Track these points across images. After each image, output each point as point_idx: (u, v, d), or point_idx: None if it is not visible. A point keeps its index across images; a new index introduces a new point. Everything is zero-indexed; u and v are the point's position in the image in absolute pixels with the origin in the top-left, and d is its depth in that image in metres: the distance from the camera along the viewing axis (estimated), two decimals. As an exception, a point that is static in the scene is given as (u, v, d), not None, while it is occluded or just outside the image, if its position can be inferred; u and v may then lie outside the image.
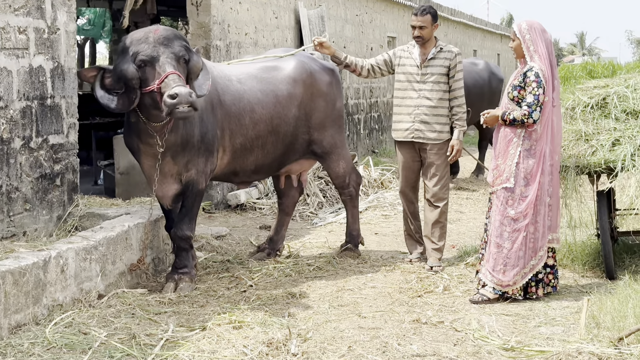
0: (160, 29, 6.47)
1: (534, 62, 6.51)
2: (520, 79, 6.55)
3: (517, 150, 6.52)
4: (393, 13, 20.44)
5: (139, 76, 6.30)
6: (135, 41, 6.36)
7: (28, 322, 5.52)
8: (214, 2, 10.75)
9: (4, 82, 6.65)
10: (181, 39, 6.48)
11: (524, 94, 6.50)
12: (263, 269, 7.46)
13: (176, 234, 6.85)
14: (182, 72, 6.37)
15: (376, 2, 19.11)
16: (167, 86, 6.13)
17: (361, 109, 17.94)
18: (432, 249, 7.71)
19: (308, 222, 10.25)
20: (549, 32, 6.66)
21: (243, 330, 5.59)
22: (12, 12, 6.72)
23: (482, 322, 5.97)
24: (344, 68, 7.95)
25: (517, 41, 6.62)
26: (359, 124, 17.68)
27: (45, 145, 7.19)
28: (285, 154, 7.64)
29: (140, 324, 5.75)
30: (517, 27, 6.64)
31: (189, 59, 6.47)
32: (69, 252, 6.02)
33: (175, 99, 6.03)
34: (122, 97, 6.40)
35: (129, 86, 6.34)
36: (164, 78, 6.18)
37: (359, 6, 17.75)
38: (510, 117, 6.47)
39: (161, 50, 6.29)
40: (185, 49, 6.42)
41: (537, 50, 6.53)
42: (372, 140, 18.60)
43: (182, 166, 6.79)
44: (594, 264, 7.48)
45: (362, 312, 6.25)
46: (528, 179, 6.51)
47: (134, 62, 6.29)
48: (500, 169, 6.61)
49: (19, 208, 6.87)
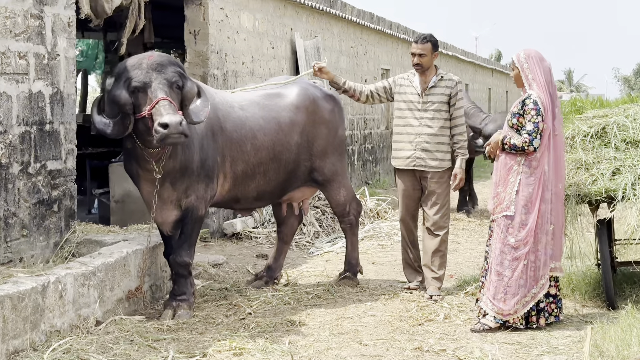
0: (154, 55, 6.45)
1: (532, 90, 6.53)
2: (519, 106, 6.57)
3: (517, 179, 6.51)
4: (387, 46, 20.53)
5: (131, 102, 6.28)
6: (129, 67, 6.34)
7: (26, 348, 5.44)
8: (212, 31, 10.76)
9: (4, 106, 6.62)
10: (176, 65, 6.44)
11: (523, 122, 6.50)
12: (261, 296, 7.39)
13: (175, 260, 6.80)
14: (176, 98, 6.34)
15: (370, 35, 19.19)
16: (158, 113, 6.10)
17: (355, 140, 17.94)
18: (432, 278, 7.67)
19: (305, 251, 10.19)
20: (548, 61, 6.68)
21: (244, 357, 5.53)
22: (12, 37, 6.71)
23: (484, 351, 5.92)
24: (342, 93, 7.95)
25: (516, 70, 6.65)
26: (352, 155, 17.68)
27: (43, 171, 7.15)
28: (287, 181, 7.60)
29: (139, 351, 5.68)
30: (515, 56, 6.67)
31: (183, 85, 6.44)
32: (68, 278, 5.95)
33: (166, 129, 6.01)
34: (118, 123, 6.37)
35: (122, 112, 6.32)
36: (154, 104, 6.16)
37: (353, 38, 17.81)
38: (511, 142, 6.47)
39: (154, 76, 6.27)
40: (179, 75, 6.39)
41: (535, 79, 6.55)
42: (366, 171, 18.59)
43: (181, 192, 6.75)
44: (594, 294, 7.43)
45: (363, 340, 6.19)
46: (528, 207, 6.49)
47: (127, 88, 6.27)
48: (501, 197, 6.59)
49: (16, 234, 6.81)
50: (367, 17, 18.53)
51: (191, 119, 6.47)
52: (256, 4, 12.38)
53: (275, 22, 13.20)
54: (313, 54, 14.40)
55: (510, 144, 6.49)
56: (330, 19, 16.03)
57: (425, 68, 7.70)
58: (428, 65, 7.69)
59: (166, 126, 5.99)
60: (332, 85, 7.93)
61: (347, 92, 7.91)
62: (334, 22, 16.33)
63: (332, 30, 16.29)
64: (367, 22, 18.38)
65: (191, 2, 10.67)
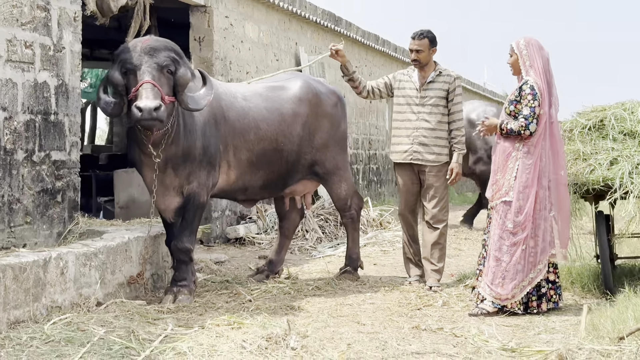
0: (151, 39, 6.58)
1: (529, 76, 6.62)
2: (516, 93, 6.66)
3: (516, 165, 6.59)
4: (392, 68, 20.68)
5: (124, 83, 6.43)
6: (125, 50, 6.50)
7: (27, 319, 5.50)
8: (217, 38, 10.92)
9: (9, 93, 6.73)
10: (171, 50, 6.53)
11: (520, 108, 6.59)
12: (262, 287, 7.45)
13: (176, 246, 6.86)
14: (166, 82, 6.44)
15: (376, 56, 19.37)
16: (139, 95, 6.24)
17: (360, 160, 18.04)
18: (431, 270, 7.71)
19: (307, 255, 10.25)
20: (547, 50, 6.78)
21: (242, 329, 5.57)
22: (19, 25, 6.84)
23: (481, 329, 5.95)
24: (348, 81, 8.02)
25: (515, 56, 6.75)
26: (357, 174, 17.77)
27: (47, 160, 7.24)
28: (289, 172, 7.68)
29: (139, 325, 5.73)
30: (515, 43, 6.76)
31: (175, 70, 6.53)
32: (69, 256, 6.03)
33: (140, 112, 6.15)
34: (115, 103, 6.56)
35: (117, 93, 6.48)
36: (138, 86, 6.28)
37: (358, 58, 17.97)
38: (508, 127, 6.56)
39: (144, 60, 6.39)
40: (171, 60, 6.48)
41: (533, 65, 6.65)
42: (370, 191, 18.66)
43: (183, 178, 6.83)
44: (593, 286, 7.47)
45: (362, 321, 6.24)
46: (525, 193, 6.55)
47: (120, 69, 6.43)
48: (500, 183, 6.66)
49: (19, 220, 6.89)
50: (372, 38, 18.71)
51: (187, 105, 6.56)
52: (261, 15, 12.55)
53: (280, 35, 13.37)
54: (317, 69, 14.55)
55: (507, 129, 6.58)
56: (335, 36, 16.20)
57: (424, 64, 7.80)
58: (426, 60, 7.80)
59: (140, 110, 6.14)
60: (342, 70, 7.99)
61: (353, 81, 7.99)
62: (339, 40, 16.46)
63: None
64: (372, 43, 18.56)
65: (196, 10, 10.84)
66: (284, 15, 13.55)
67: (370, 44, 18.36)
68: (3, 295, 5.29)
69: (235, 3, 11.59)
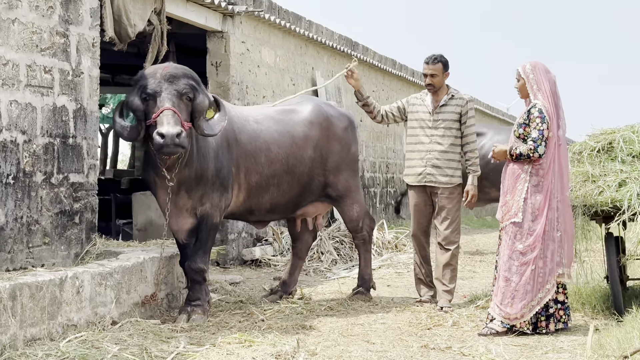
0: (170, 66, 6.74)
1: (537, 100, 6.73)
2: (524, 116, 6.76)
3: (525, 186, 6.68)
4: (409, 92, 20.73)
5: (143, 109, 6.57)
6: (145, 75, 6.66)
7: (43, 337, 5.64)
8: (233, 63, 11.10)
9: (29, 117, 6.92)
10: (189, 77, 6.69)
11: (529, 131, 6.69)
12: (275, 307, 7.56)
13: (190, 266, 6.99)
14: (185, 109, 6.60)
15: (393, 81, 19.52)
16: (160, 122, 6.38)
17: (377, 183, 18.15)
18: (443, 291, 7.80)
19: (321, 276, 10.35)
20: (553, 73, 6.89)
21: (252, 347, 5.68)
22: (38, 51, 7.04)
23: (489, 348, 6.03)
24: (362, 106, 8.16)
25: (522, 81, 6.86)
26: (374, 197, 17.87)
27: (65, 183, 7.41)
28: (301, 194, 7.81)
29: (152, 343, 5.85)
30: (521, 67, 6.87)
31: (194, 97, 6.69)
32: (85, 275, 6.17)
33: (163, 138, 6.28)
34: (133, 127, 6.70)
35: (136, 118, 6.62)
36: (159, 113, 6.43)
37: (375, 82, 18.13)
38: (517, 152, 6.66)
39: (164, 86, 6.54)
40: (190, 88, 6.64)
41: (541, 89, 6.76)
42: (387, 215, 18.74)
43: (196, 200, 6.98)
44: (603, 307, 7.51)
45: (371, 340, 6.33)
46: (536, 214, 6.64)
47: (140, 95, 6.58)
48: (509, 204, 6.75)
49: (38, 241, 7.06)
50: (389, 63, 18.87)
51: (203, 131, 6.72)
52: (277, 41, 12.74)
53: (297, 60, 13.55)
54: (334, 93, 14.71)
55: (516, 153, 6.68)
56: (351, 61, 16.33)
57: (437, 88, 7.94)
58: (439, 84, 7.94)
59: (163, 136, 6.27)
60: (356, 95, 8.16)
61: (367, 106, 8.14)
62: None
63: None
64: (389, 68, 18.71)
65: (213, 35, 11.04)
66: (301, 41, 13.74)
67: (387, 68, 18.51)
68: (20, 313, 5.44)
69: (252, 29, 11.79)
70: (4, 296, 5.27)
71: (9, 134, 6.67)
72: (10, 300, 5.34)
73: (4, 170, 6.60)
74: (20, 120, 6.80)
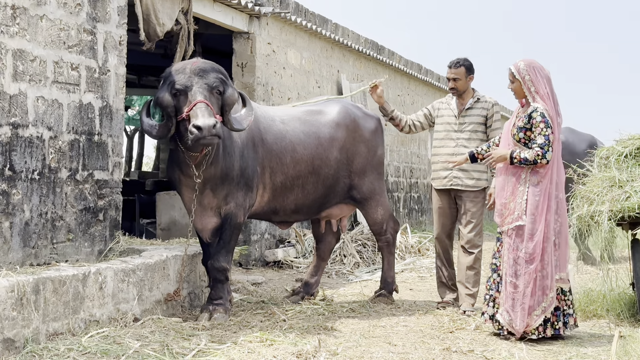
0: (199, 61, 6.74)
1: (537, 103, 6.54)
2: (525, 120, 6.56)
3: (526, 187, 6.53)
4: (434, 97, 20.72)
5: (174, 104, 6.56)
6: (174, 71, 6.65)
7: (65, 331, 5.66)
8: (259, 64, 11.11)
9: (55, 113, 6.95)
10: (218, 72, 6.70)
11: (531, 135, 6.53)
12: (297, 308, 7.54)
13: (213, 265, 6.99)
14: (215, 102, 6.59)
15: (418, 85, 19.48)
16: (194, 114, 6.37)
17: (401, 188, 18.11)
18: (466, 295, 7.75)
19: (344, 279, 10.33)
20: (547, 69, 6.69)
21: (274, 346, 5.67)
22: (66, 48, 7.07)
23: (512, 352, 5.98)
24: (389, 120, 8.13)
25: (517, 83, 6.64)
26: (398, 202, 17.83)
27: (90, 180, 7.44)
28: (325, 195, 7.79)
29: (174, 340, 5.85)
30: (514, 68, 6.64)
31: (224, 90, 6.69)
32: (108, 271, 6.18)
33: (200, 131, 6.28)
34: (162, 125, 6.67)
35: (166, 114, 6.61)
36: (192, 106, 6.42)
37: (401, 87, 18.10)
38: (521, 156, 6.47)
39: (195, 80, 6.55)
40: (220, 81, 6.65)
41: (539, 91, 6.56)
42: (411, 219, 18.69)
43: (221, 199, 6.97)
44: (628, 314, 7.44)
45: (393, 342, 6.29)
46: (535, 216, 6.47)
47: (170, 91, 6.56)
48: (510, 207, 6.57)
49: (62, 237, 7.08)
50: (414, 68, 18.83)
51: (232, 126, 6.72)
52: (303, 43, 12.75)
53: (322, 63, 13.55)
54: (359, 97, 14.68)
55: (520, 158, 6.48)
56: (377, 64, 16.35)
57: (461, 91, 7.91)
58: (463, 88, 7.90)
59: (199, 128, 6.26)
60: (381, 111, 8.16)
61: (393, 119, 8.12)
62: (381, 69, 16.64)
63: (379, 76, 16.59)
64: (415, 72, 18.67)
65: (239, 36, 11.05)
66: (327, 43, 13.74)
67: (413, 73, 18.48)
68: (43, 307, 5.46)
69: (278, 30, 11.80)
70: (28, 290, 5.29)
71: (35, 130, 6.71)
72: (33, 294, 5.36)
73: (29, 165, 6.64)
74: (46, 116, 6.83)
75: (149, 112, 6.78)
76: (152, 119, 6.75)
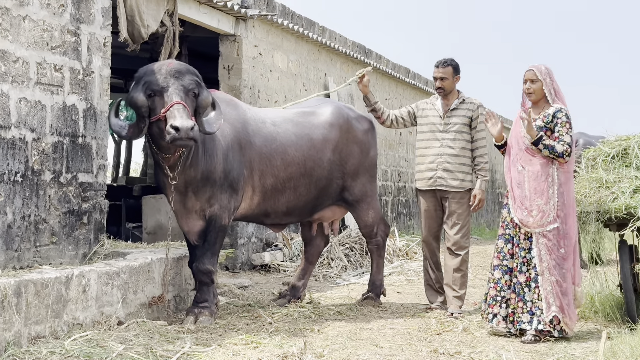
0: (174, 62, 6.69)
1: (559, 104, 6.71)
2: (547, 119, 6.66)
3: (555, 188, 6.60)
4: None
5: (147, 105, 6.50)
6: (148, 72, 6.59)
7: (47, 334, 5.58)
8: (245, 67, 11.06)
9: (38, 115, 6.88)
10: (193, 74, 6.65)
11: (557, 135, 6.62)
12: (283, 310, 7.48)
13: (197, 267, 6.93)
14: (190, 105, 6.53)
15: (406, 89, 19.45)
16: (172, 115, 6.31)
17: (389, 192, 18.07)
18: (453, 297, 7.71)
19: (331, 282, 10.27)
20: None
21: (259, 349, 5.61)
22: (49, 49, 7.00)
23: (499, 354, 5.94)
24: (371, 111, 8.12)
25: (539, 83, 6.74)
26: (386, 206, 17.78)
27: (74, 182, 7.37)
28: (318, 197, 7.73)
29: (158, 343, 5.78)
30: (537, 69, 6.76)
31: (199, 93, 6.64)
32: (92, 274, 6.11)
33: (177, 131, 6.21)
34: (133, 125, 6.61)
35: (138, 114, 6.55)
36: (169, 107, 6.36)
37: (388, 90, 18.07)
38: (550, 143, 6.58)
39: (171, 82, 6.49)
40: (195, 84, 6.60)
41: (559, 92, 6.78)
42: (399, 223, 18.65)
43: (204, 201, 6.91)
44: (616, 315, 7.41)
45: (380, 344, 6.25)
46: (567, 216, 6.60)
47: (144, 91, 6.50)
48: (543, 209, 6.59)
49: (45, 240, 7.01)
50: (402, 71, 18.80)
51: (204, 129, 6.66)
52: (290, 46, 12.70)
53: (309, 66, 13.51)
54: (346, 100, 14.65)
55: (548, 144, 6.59)
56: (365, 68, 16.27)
57: (448, 91, 7.88)
58: (450, 88, 7.87)
59: (177, 129, 6.20)
60: (364, 101, 8.12)
61: (375, 111, 8.10)
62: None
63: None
64: (402, 76, 18.64)
65: (226, 39, 11.01)
66: (314, 46, 13.70)
67: (400, 76, 18.45)
68: (24, 310, 5.38)
69: (264, 33, 11.75)
70: (9, 292, 5.22)
71: (18, 132, 6.63)
72: (15, 297, 5.29)
73: (12, 167, 6.56)
74: (29, 118, 6.76)
75: (117, 113, 6.72)
76: (120, 119, 6.69)
